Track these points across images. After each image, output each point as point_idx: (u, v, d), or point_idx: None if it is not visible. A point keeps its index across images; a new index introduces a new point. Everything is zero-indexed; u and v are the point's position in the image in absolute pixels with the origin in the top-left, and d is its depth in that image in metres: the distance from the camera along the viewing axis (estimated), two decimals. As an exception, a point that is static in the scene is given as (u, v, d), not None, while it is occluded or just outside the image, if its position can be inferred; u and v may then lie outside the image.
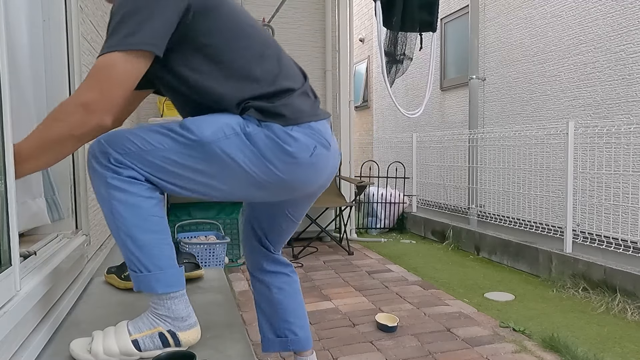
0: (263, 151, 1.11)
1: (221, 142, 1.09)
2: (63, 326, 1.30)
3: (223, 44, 1.13)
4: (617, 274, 2.84)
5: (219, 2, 1.15)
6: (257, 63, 1.16)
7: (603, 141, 3.37)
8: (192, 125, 1.10)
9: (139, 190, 1.11)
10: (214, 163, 1.10)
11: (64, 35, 1.61)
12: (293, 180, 1.17)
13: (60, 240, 1.57)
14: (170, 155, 1.09)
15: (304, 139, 1.15)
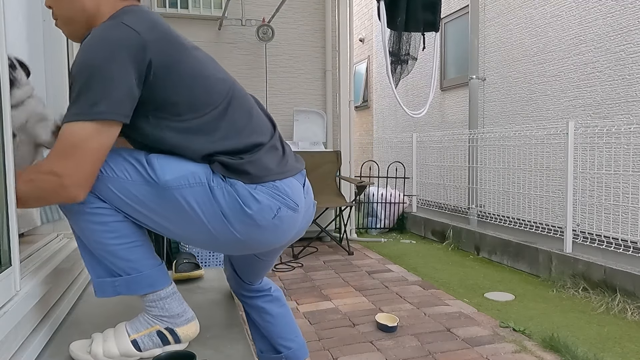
0: (223, 208, 1.07)
1: (183, 189, 1.06)
2: (63, 326, 1.30)
3: (185, 101, 1.08)
4: (617, 274, 2.84)
5: (180, 56, 1.12)
6: (222, 118, 1.11)
7: (603, 141, 3.37)
8: (157, 164, 1.06)
9: (101, 204, 1.08)
10: (171, 208, 1.07)
11: (64, 36, 1.61)
12: (250, 241, 1.12)
13: (60, 240, 1.57)
14: (130, 188, 1.06)
15: (267, 201, 1.09)
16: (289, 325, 1.56)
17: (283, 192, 1.12)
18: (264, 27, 4.40)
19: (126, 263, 1.10)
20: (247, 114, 1.17)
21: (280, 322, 1.54)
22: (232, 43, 4.73)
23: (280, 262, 3.76)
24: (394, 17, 3.60)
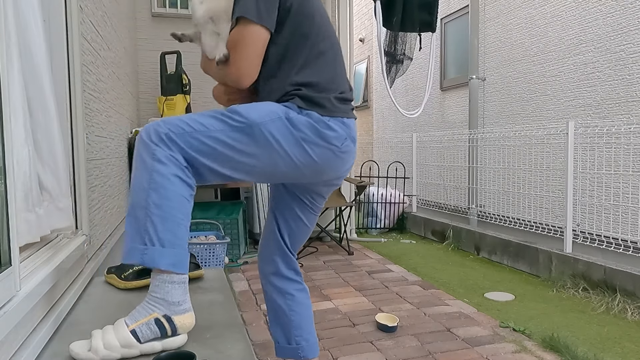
0: (303, 134, 1.26)
1: (267, 124, 1.23)
2: (63, 326, 1.30)
3: (297, 32, 1.33)
4: (617, 274, 2.84)
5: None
6: (321, 55, 1.35)
7: (603, 141, 3.37)
8: (241, 109, 1.25)
9: (179, 172, 1.21)
10: (258, 143, 1.24)
11: (64, 35, 1.61)
12: (323, 165, 1.32)
13: (60, 240, 1.57)
14: (219, 136, 1.23)
15: (339, 129, 1.31)
16: (309, 320, 1.62)
17: (348, 127, 1.35)
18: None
19: (167, 234, 1.16)
20: (340, 64, 1.41)
21: (303, 314, 1.60)
22: (232, 43, 4.73)
23: (280, 262, 3.76)
24: (390, 17, 3.60)
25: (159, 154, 1.18)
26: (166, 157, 1.18)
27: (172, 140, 1.20)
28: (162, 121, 1.22)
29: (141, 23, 4.43)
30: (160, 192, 1.18)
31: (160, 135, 1.20)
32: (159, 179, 1.18)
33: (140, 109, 4.39)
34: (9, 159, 1.01)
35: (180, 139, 1.20)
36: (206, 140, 1.22)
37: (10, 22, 1.25)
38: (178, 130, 1.21)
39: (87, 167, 1.81)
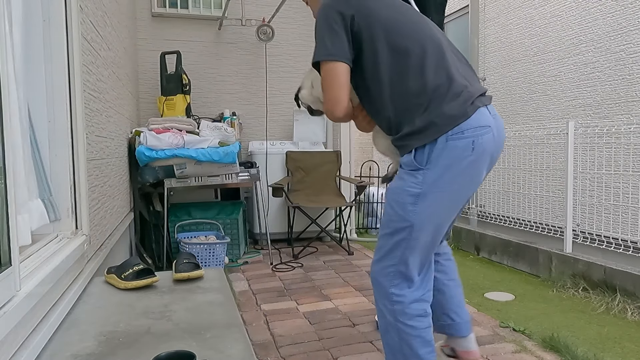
0: (440, 176, 1.38)
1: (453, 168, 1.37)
2: (63, 326, 1.30)
3: (378, 61, 1.41)
4: (617, 274, 2.84)
5: (375, 12, 1.43)
6: (416, 78, 1.39)
7: (603, 141, 3.36)
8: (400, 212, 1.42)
9: (423, 323, 1.45)
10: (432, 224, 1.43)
11: (64, 35, 1.61)
12: (478, 170, 1.42)
13: (60, 240, 1.57)
14: (412, 246, 1.43)
15: (459, 143, 1.35)
16: (456, 298, 1.78)
17: (470, 128, 1.36)
18: (264, 27, 4.40)
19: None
20: (431, 63, 1.40)
21: (450, 292, 1.77)
22: (232, 43, 4.73)
23: (280, 262, 3.76)
24: None
25: (400, 317, 1.46)
26: (408, 318, 1.46)
27: (399, 287, 1.46)
28: (382, 283, 1.49)
29: (141, 23, 4.43)
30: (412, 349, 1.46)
31: (390, 298, 1.47)
32: (410, 340, 1.46)
33: (140, 109, 4.39)
34: (9, 159, 1.01)
35: (400, 273, 1.45)
36: (410, 242, 1.43)
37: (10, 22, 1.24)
38: (393, 274, 1.46)
39: (87, 167, 1.81)
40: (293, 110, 4.71)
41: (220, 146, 3.42)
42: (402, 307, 1.46)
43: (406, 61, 1.39)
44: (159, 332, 1.25)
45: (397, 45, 1.40)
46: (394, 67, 1.40)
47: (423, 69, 1.38)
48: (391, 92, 1.41)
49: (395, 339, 1.49)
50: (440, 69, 1.40)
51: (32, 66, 1.52)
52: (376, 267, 1.51)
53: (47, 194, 1.53)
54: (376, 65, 1.41)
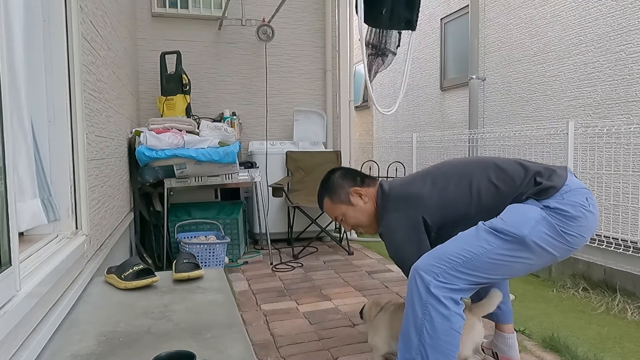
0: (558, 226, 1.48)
1: (535, 233, 1.45)
2: (63, 326, 1.30)
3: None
4: (617, 274, 2.84)
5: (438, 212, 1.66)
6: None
7: (603, 141, 3.36)
8: (508, 225, 1.46)
9: (456, 309, 1.42)
10: (532, 251, 1.45)
11: (64, 35, 1.61)
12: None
13: (60, 240, 1.57)
14: (494, 253, 1.44)
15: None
16: (504, 285, 1.91)
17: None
18: (264, 27, 4.40)
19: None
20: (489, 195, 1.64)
21: (501, 282, 1.86)
22: (232, 43, 4.73)
23: (280, 262, 3.76)
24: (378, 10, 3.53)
25: (436, 291, 1.42)
26: (444, 297, 1.41)
27: (445, 276, 1.44)
28: (433, 260, 1.48)
29: (141, 23, 4.43)
30: (436, 331, 1.39)
31: (435, 276, 1.44)
32: (437, 319, 1.40)
33: (140, 109, 4.39)
34: (9, 158, 1.01)
35: (455, 272, 1.45)
36: (479, 263, 1.47)
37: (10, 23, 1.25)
38: (450, 265, 1.45)
39: (87, 167, 1.81)
40: (293, 110, 4.72)
41: (220, 146, 3.42)
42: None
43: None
44: (159, 332, 1.25)
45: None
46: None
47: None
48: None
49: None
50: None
51: (32, 66, 1.52)
52: None
53: (47, 194, 1.53)
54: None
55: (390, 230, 1.68)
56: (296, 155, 4.46)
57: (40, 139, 1.54)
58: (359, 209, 1.80)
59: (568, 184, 1.56)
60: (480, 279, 1.46)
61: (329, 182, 1.85)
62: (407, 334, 1.45)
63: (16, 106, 1.27)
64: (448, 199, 1.65)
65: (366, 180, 1.84)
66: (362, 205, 1.79)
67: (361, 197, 1.79)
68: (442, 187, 1.67)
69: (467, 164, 1.75)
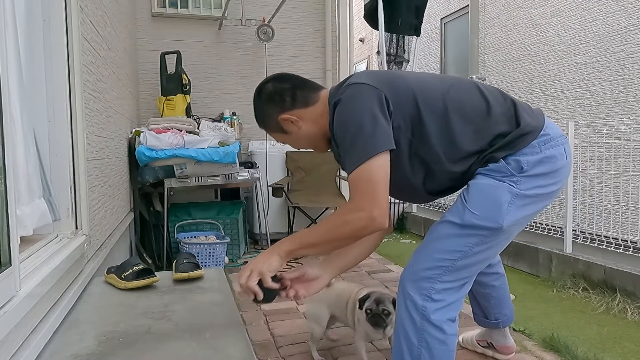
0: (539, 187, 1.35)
1: (512, 216, 1.33)
2: (63, 326, 1.30)
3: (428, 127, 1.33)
4: (617, 274, 2.84)
5: (403, 85, 1.34)
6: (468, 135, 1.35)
7: (603, 141, 3.36)
8: (482, 220, 1.32)
9: (452, 330, 1.32)
10: (515, 230, 1.38)
11: (64, 35, 1.61)
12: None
13: (60, 240, 1.57)
14: (480, 251, 1.34)
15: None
16: (505, 299, 1.89)
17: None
18: (264, 27, 4.40)
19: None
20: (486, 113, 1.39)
21: (500, 296, 1.87)
22: (232, 43, 4.73)
23: (280, 262, 3.75)
24: (394, 18, 3.59)
25: (432, 316, 1.31)
26: (440, 321, 1.32)
27: (438, 291, 1.33)
28: (418, 279, 1.37)
29: (141, 23, 4.43)
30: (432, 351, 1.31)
31: (427, 294, 1.33)
32: (435, 345, 1.31)
33: (140, 109, 4.39)
34: (9, 158, 1.01)
35: (446, 280, 1.34)
36: (470, 262, 1.36)
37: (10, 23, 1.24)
38: (438, 275, 1.35)
39: (87, 167, 1.81)
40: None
41: (220, 146, 3.42)
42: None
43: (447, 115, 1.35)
44: (159, 332, 1.25)
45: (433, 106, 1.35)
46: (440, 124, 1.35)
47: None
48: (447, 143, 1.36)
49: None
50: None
51: (32, 66, 1.52)
52: None
53: (47, 194, 1.53)
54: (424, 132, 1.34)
55: (340, 119, 1.30)
56: (296, 155, 4.45)
57: (40, 139, 1.54)
58: (295, 137, 1.47)
59: (547, 130, 1.39)
60: (471, 274, 1.39)
61: (256, 108, 1.48)
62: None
63: (16, 106, 1.27)
64: (426, 83, 1.38)
65: (299, 97, 1.42)
66: (296, 131, 1.44)
67: (293, 124, 1.42)
68: (420, 77, 1.43)
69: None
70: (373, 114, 1.25)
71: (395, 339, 1.37)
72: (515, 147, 1.33)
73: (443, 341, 1.30)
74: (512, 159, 1.32)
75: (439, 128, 1.33)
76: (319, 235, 1.31)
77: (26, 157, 1.34)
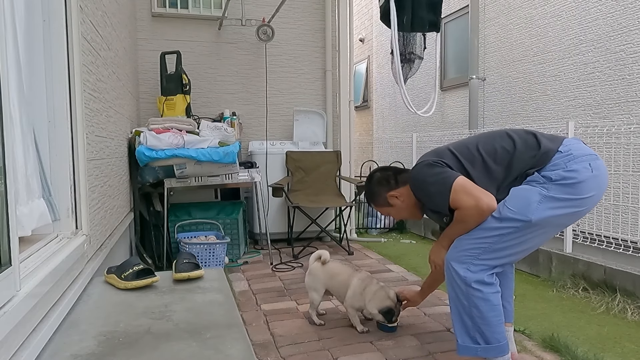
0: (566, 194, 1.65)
1: (542, 212, 1.66)
2: (63, 326, 1.30)
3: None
4: (617, 274, 2.84)
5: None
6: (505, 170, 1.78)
7: (603, 141, 3.36)
8: (513, 212, 1.68)
9: (491, 289, 1.73)
10: (546, 225, 1.69)
11: (64, 35, 1.61)
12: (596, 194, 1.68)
13: (60, 240, 1.57)
14: (507, 240, 1.70)
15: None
16: (512, 287, 2.10)
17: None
18: (264, 27, 4.40)
19: (492, 334, 1.72)
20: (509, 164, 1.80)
21: (509, 280, 2.07)
22: (232, 43, 4.73)
23: (280, 262, 3.76)
24: (400, 16, 3.60)
25: (474, 284, 1.72)
26: (478, 284, 1.72)
27: (477, 265, 1.73)
28: (462, 255, 1.76)
29: (141, 23, 4.43)
30: (483, 313, 1.71)
31: (467, 267, 1.74)
32: (480, 303, 1.71)
33: (140, 109, 4.39)
34: (9, 158, 1.01)
35: (482, 260, 1.73)
36: (500, 247, 1.72)
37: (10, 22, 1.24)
38: (476, 255, 1.74)
39: (87, 167, 1.81)
40: (293, 110, 4.72)
41: (220, 146, 3.42)
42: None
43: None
44: (159, 332, 1.25)
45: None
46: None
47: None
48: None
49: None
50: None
51: (32, 66, 1.52)
52: None
53: (47, 194, 1.53)
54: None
55: (418, 183, 1.90)
56: (296, 155, 4.46)
57: (40, 139, 1.54)
58: (398, 208, 2.05)
59: (571, 151, 1.69)
60: (505, 260, 1.74)
61: (368, 190, 2.11)
62: (460, 319, 1.77)
63: (16, 106, 1.27)
64: (460, 143, 1.91)
65: (400, 178, 2.03)
66: (399, 204, 2.03)
67: (397, 198, 2.02)
68: (457, 143, 1.93)
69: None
70: (433, 173, 1.81)
71: (452, 306, 1.80)
72: (542, 163, 1.70)
73: (486, 299, 1.71)
74: (544, 173, 1.68)
75: (479, 171, 1.79)
76: (457, 232, 1.81)
77: (26, 157, 1.34)
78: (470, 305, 1.73)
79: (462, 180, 1.73)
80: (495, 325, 1.72)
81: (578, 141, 1.77)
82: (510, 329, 2.05)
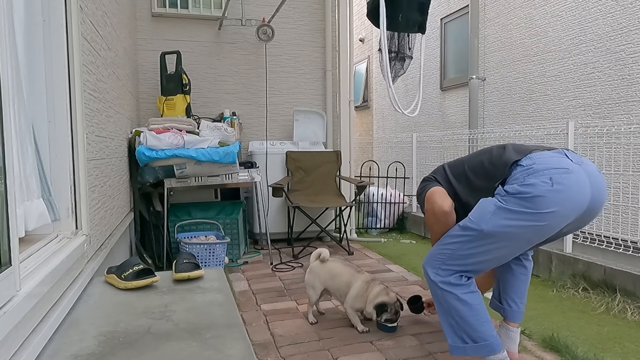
0: (521, 208, 1.64)
1: (495, 221, 1.67)
2: (63, 326, 1.30)
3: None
4: (617, 274, 2.84)
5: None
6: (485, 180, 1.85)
7: (603, 141, 3.36)
8: (475, 223, 1.73)
9: (462, 290, 1.76)
10: (501, 237, 1.69)
11: (64, 35, 1.61)
12: (564, 206, 1.62)
13: (60, 240, 1.57)
14: (467, 248, 1.75)
15: (535, 180, 1.63)
16: (517, 289, 2.10)
17: (542, 167, 1.66)
18: (264, 27, 4.40)
19: (476, 333, 1.73)
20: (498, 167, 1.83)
21: (519, 284, 2.10)
22: (232, 43, 4.73)
23: (280, 262, 3.76)
24: (395, 15, 3.59)
25: (443, 286, 1.79)
26: (448, 285, 1.78)
27: (445, 270, 1.80)
28: (433, 261, 1.85)
29: (141, 23, 4.43)
30: (460, 310, 1.75)
31: (436, 272, 1.82)
32: (455, 304, 1.76)
33: (140, 109, 4.39)
34: (9, 159, 1.01)
35: (447, 265, 1.79)
36: (463, 253, 1.77)
37: (10, 23, 1.24)
38: (442, 261, 1.81)
39: (87, 167, 1.81)
40: (293, 110, 4.72)
41: (220, 146, 3.42)
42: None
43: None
44: (159, 332, 1.25)
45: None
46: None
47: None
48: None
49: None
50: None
51: (32, 66, 1.52)
52: None
53: (47, 194, 1.53)
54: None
55: (417, 195, 2.07)
56: (296, 155, 4.46)
57: (40, 139, 1.55)
58: None
59: (534, 164, 1.68)
60: (470, 267, 1.78)
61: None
62: (446, 321, 1.81)
63: (16, 106, 1.27)
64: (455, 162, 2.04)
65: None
66: None
67: None
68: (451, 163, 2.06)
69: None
70: (422, 186, 2.01)
71: (438, 308, 1.84)
72: (503, 175, 1.75)
73: (462, 300, 1.75)
74: (506, 186, 1.71)
75: (464, 185, 1.91)
76: (432, 236, 1.96)
77: (25, 157, 1.34)
78: (449, 307, 1.78)
79: (432, 190, 1.89)
80: (476, 324, 1.74)
81: (556, 154, 1.73)
82: (516, 329, 2.05)
